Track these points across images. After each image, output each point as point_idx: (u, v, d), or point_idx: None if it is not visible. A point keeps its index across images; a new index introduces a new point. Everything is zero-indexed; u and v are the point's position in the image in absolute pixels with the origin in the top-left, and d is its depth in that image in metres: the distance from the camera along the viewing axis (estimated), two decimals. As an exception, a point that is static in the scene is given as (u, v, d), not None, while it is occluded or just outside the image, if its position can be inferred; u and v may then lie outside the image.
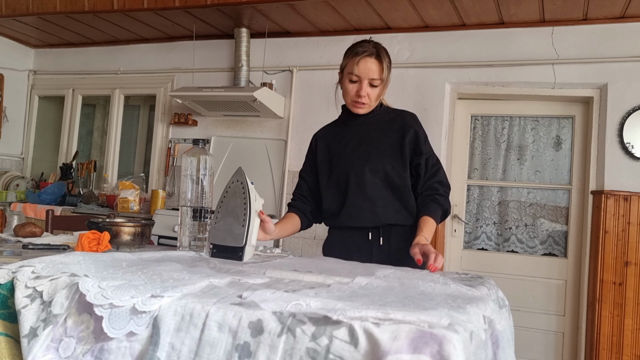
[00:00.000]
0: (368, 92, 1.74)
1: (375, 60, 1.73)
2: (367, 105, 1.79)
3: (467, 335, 0.83)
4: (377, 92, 1.77)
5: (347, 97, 1.80)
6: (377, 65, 1.72)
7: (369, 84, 1.74)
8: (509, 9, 3.24)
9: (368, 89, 1.74)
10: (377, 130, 1.82)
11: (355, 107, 1.79)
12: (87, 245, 1.41)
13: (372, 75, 1.72)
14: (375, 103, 1.81)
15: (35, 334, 0.97)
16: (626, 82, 3.23)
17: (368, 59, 1.72)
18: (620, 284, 3.14)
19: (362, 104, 1.77)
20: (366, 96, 1.75)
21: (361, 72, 1.72)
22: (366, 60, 1.72)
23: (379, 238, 1.77)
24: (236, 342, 0.87)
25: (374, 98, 1.77)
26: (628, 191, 3.18)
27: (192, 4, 3.48)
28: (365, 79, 1.73)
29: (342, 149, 1.84)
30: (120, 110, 4.63)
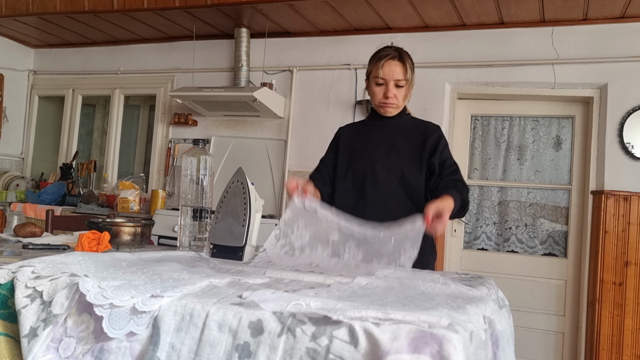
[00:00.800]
0: (395, 93, 1.83)
1: (398, 62, 1.82)
2: (395, 106, 1.86)
3: (467, 335, 0.83)
4: (403, 93, 1.85)
5: (375, 100, 1.87)
6: (400, 67, 1.82)
7: (394, 85, 1.82)
8: (509, 9, 3.24)
9: (394, 90, 1.82)
10: (400, 133, 1.89)
11: (384, 108, 1.87)
12: (87, 245, 1.41)
13: (396, 76, 1.81)
14: (403, 103, 1.89)
15: (35, 334, 0.97)
16: (626, 82, 3.23)
17: (391, 61, 1.82)
18: (620, 284, 3.14)
19: (390, 105, 1.85)
20: (393, 97, 1.83)
21: (386, 75, 1.81)
22: (390, 63, 1.81)
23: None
24: (236, 342, 0.87)
25: (401, 98, 1.86)
26: (628, 191, 3.18)
27: (192, 4, 3.48)
28: (391, 81, 1.81)
29: (364, 147, 1.90)
30: (120, 110, 4.63)
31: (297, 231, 1.52)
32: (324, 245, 1.50)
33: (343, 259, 1.46)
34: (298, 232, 1.52)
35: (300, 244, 1.51)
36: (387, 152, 1.86)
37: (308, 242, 1.50)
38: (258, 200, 1.57)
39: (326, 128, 3.84)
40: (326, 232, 1.51)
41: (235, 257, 1.48)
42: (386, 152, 1.86)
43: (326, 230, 1.51)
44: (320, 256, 1.48)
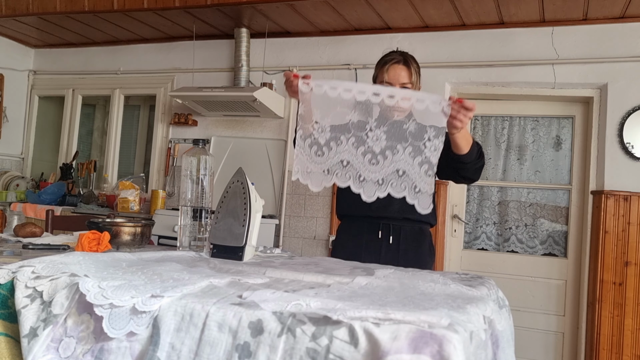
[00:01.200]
0: None
1: (403, 66, 1.82)
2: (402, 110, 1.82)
3: (467, 335, 0.83)
4: None
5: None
6: (405, 71, 1.81)
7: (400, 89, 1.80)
8: (509, 9, 3.24)
9: None
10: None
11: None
12: (87, 245, 1.41)
13: (402, 80, 1.81)
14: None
15: (35, 334, 0.97)
16: (626, 82, 3.23)
17: (396, 65, 1.81)
18: (620, 284, 3.14)
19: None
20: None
21: (391, 79, 1.80)
22: (395, 67, 1.81)
23: (389, 236, 1.82)
24: (236, 342, 0.87)
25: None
26: (628, 191, 3.18)
27: (192, 4, 3.48)
28: (396, 85, 1.80)
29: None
30: (120, 110, 4.63)
31: (317, 125, 1.52)
32: (346, 134, 1.50)
33: (368, 146, 1.48)
34: (318, 126, 1.52)
35: (325, 139, 1.52)
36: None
37: (331, 135, 1.52)
38: (258, 200, 1.57)
39: (326, 128, 3.84)
40: (344, 114, 1.50)
41: (235, 257, 1.48)
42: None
43: (343, 111, 1.50)
44: (348, 149, 1.50)
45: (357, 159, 1.50)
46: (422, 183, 1.45)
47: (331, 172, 1.51)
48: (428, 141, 1.45)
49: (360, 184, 1.49)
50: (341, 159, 1.51)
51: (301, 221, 3.83)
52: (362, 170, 1.49)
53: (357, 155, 1.50)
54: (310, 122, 1.53)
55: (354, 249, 1.81)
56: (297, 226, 3.85)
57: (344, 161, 1.51)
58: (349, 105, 1.49)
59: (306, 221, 3.82)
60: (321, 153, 1.54)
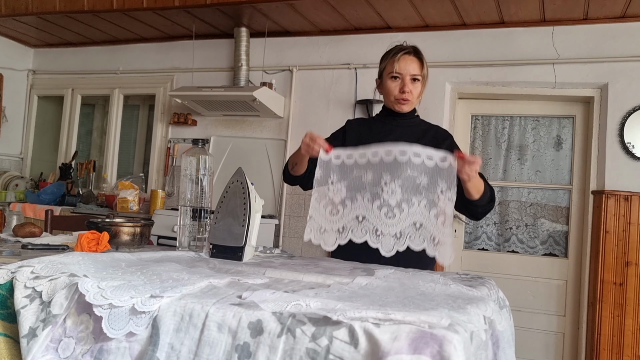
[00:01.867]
0: (411, 88, 1.78)
1: (414, 58, 1.78)
2: (411, 102, 1.81)
3: (468, 335, 0.83)
4: (418, 89, 1.81)
5: (390, 96, 1.81)
6: (416, 62, 1.78)
7: (411, 80, 1.78)
8: (509, 9, 3.24)
9: (410, 84, 1.78)
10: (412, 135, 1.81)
11: (400, 104, 1.81)
12: (87, 245, 1.40)
13: (412, 71, 1.77)
14: (417, 101, 1.85)
15: (35, 334, 0.97)
16: (627, 82, 3.23)
17: (407, 56, 1.78)
18: (621, 284, 3.14)
19: (405, 100, 1.79)
20: (409, 92, 1.78)
21: (402, 69, 1.77)
22: (406, 58, 1.78)
23: None
24: (236, 343, 0.86)
25: (416, 95, 1.81)
26: (629, 191, 3.17)
27: (191, 4, 3.48)
28: (407, 75, 1.77)
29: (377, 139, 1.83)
30: (119, 110, 4.63)
31: (333, 186, 1.56)
32: (361, 191, 1.53)
33: (384, 199, 1.50)
34: (334, 187, 1.56)
35: (340, 198, 1.55)
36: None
37: (346, 195, 1.54)
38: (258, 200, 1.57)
39: (326, 128, 3.82)
40: (359, 177, 1.54)
41: (235, 257, 1.48)
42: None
43: (358, 174, 1.54)
44: (363, 205, 1.52)
45: (373, 214, 1.51)
46: (440, 234, 1.47)
47: (346, 229, 1.53)
48: (441, 194, 1.48)
49: (377, 238, 1.51)
50: (357, 214, 1.53)
51: (301, 221, 3.83)
52: (378, 225, 1.50)
53: (372, 209, 1.51)
54: (326, 184, 1.57)
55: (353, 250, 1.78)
56: (297, 226, 3.84)
57: (360, 216, 1.52)
58: (364, 167, 1.53)
59: (306, 221, 3.81)
60: (336, 212, 1.56)
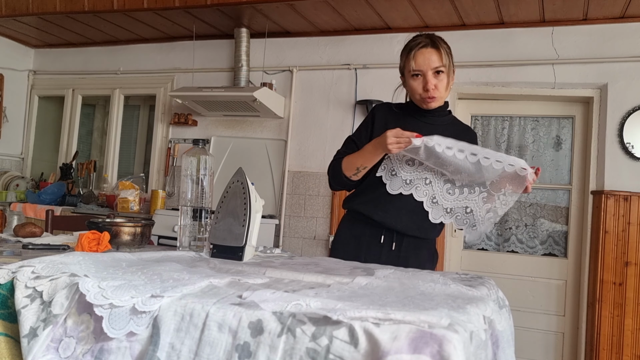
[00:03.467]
0: (435, 83, 1.67)
1: (432, 49, 1.67)
2: (438, 98, 1.71)
3: (467, 335, 0.83)
4: (444, 82, 1.70)
5: (415, 95, 1.72)
6: (435, 54, 1.67)
7: (433, 74, 1.67)
8: (509, 9, 3.24)
9: (434, 79, 1.67)
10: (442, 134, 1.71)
11: (426, 102, 1.71)
12: (87, 245, 1.41)
13: (433, 64, 1.66)
14: (446, 94, 1.74)
15: (35, 334, 0.97)
16: (626, 82, 3.23)
17: (424, 49, 1.67)
18: (620, 284, 3.14)
19: (432, 97, 1.69)
20: (434, 88, 1.67)
21: (420, 65, 1.67)
22: (422, 52, 1.67)
23: (392, 243, 1.74)
24: (236, 342, 0.87)
25: (443, 88, 1.70)
26: (628, 191, 3.17)
27: (192, 4, 3.48)
28: (428, 70, 1.67)
29: None
30: (120, 110, 4.63)
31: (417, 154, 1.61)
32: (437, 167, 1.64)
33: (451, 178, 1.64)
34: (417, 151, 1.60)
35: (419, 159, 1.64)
36: None
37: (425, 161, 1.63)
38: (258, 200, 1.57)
39: (326, 128, 3.84)
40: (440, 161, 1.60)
41: (235, 257, 1.48)
42: None
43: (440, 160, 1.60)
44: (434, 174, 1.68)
45: (438, 184, 1.66)
46: (482, 226, 1.63)
47: (413, 183, 1.67)
48: (503, 195, 1.61)
49: (432, 204, 1.68)
50: (426, 177, 1.67)
51: (301, 221, 3.83)
52: (437, 194, 1.66)
53: (439, 180, 1.66)
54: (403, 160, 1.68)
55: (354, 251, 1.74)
56: (297, 226, 3.84)
57: (427, 179, 1.66)
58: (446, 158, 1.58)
59: (306, 221, 3.82)
60: (412, 163, 1.68)
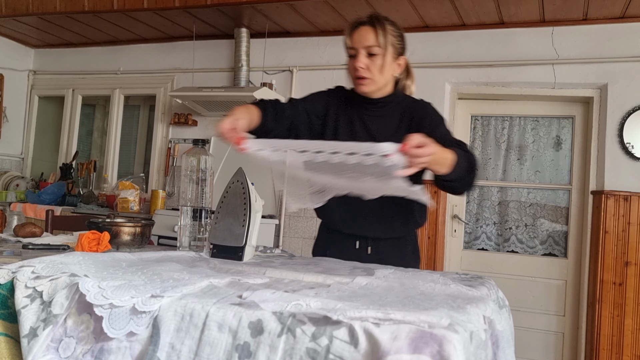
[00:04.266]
0: (366, 63, 1.53)
1: (369, 27, 1.54)
2: (370, 81, 1.56)
3: (467, 335, 0.83)
4: (378, 63, 1.54)
5: (351, 76, 1.60)
6: (371, 32, 1.53)
7: (366, 54, 1.53)
8: (509, 9, 3.24)
9: (365, 59, 1.53)
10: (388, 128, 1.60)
11: (358, 84, 1.58)
12: (87, 245, 1.40)
13: (365, 42, 1.53)
14: (381, 78, 1.57)
15: (35, 334, 0.97)
16: (626, 82, 3.23)
17: (361, 27, 1.55)
18: (621, 284, 3.14)
19: (362, 79, 1.55)
20: (365, 68, 1.54)
21: (355, 42, 1.54)
22: (359, 29, 1.55)
23: (367, 247, 1.68)
24: (236, 342, 0.86)
25: (376, 70, 1.55)
26: (628, 191, 3.17)
27: (192, 4, 3.48)
28: (361, 49, 1.53)
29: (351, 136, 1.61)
30: (120, 110, 4.63)
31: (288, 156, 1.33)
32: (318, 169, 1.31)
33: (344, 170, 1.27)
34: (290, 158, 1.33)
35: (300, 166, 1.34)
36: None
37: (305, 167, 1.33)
38: (258, 200, 1.57)
39: (326, 128, 3.84)
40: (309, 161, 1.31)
41: (235, 257, 1.48)
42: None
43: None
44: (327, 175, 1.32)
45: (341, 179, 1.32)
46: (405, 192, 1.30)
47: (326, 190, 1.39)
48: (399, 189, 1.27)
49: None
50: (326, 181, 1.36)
51: (301, 221, 3.83)
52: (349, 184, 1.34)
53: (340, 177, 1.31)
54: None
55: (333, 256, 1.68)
56: (297, 226, 3.85)
57: (331, 182, 1.36)
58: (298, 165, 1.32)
59: (306, 221, 3.82)
60: (306, 179, 1.39)
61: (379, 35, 1.53)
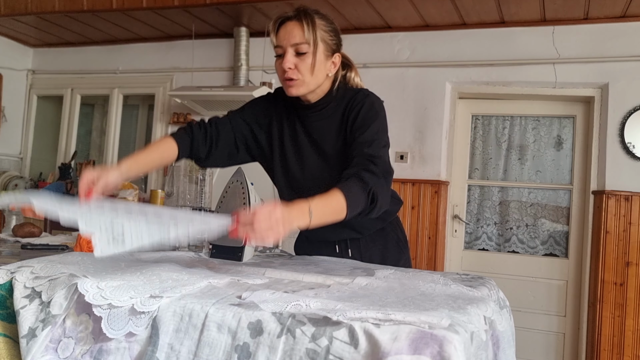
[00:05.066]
0: (295, 62, 1.37)
1: (295, 22, 1.37)
2: (300, 82, 1.39)
3: (468, 336, 0.83)
4: (308, 62, 1.37)
5: (279, 79, 1.44)
6: (298, 28, 1.36)
7: (294, 53, 1.37)
8: (509, 8, 3.24)
9: (293, 58, 1.37)
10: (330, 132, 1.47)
11: (286, 86, 1.41)
12: (86, 245, 1.40)
13: (292, 40, 1.36)
14: (312, 79, 1.40)
15: (34, 334, 0.96)
16: (627, 82, 3.23)
17: (287, 22, 1.39)
18: (621, 285, 3.14)
19: (290, 81, 1.39)
20: (293, 68, 1.37)
21: (281, 41, 1.38)
22: (285, 26, 1.39)
23: (347, 249, 1.60)
24: (235, 343, 0.86)
25: (305, 70, 1.38)
26: (629, 191, 3.17)
27: (191, 3, 3.48)
28: (288, 47, 1.37)
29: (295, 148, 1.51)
30: (119, 110, 4.63)
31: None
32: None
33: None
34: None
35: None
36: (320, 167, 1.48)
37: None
38: (258, 200, 1.57)
39: (326, 128, 3.83)
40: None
41: (235, 258, 1.48)
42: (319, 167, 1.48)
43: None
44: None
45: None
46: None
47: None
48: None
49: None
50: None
51: (301, 221, 3.83)
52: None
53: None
54: None
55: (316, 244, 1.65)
56: (297, 226, 3.84)
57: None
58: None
59: (306, 221, 3.81)
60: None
61: (307, 30, 1.36)
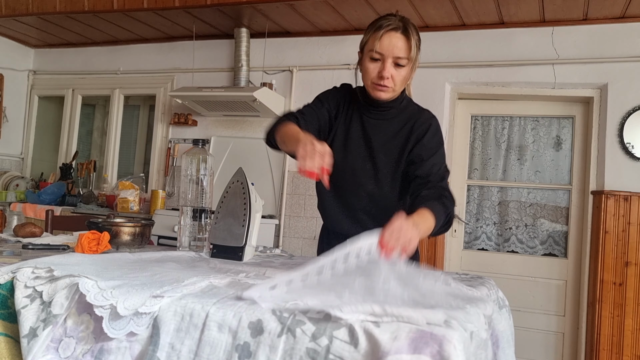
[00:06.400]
0: (392, 73, 1.47)
1: (401, 36, 1.45)
2: (390, 90, 1.50)
3: (468, 335, 0.83)
4: (402, 75, 1.49)
5: (367, 79, 1.52)
6: (403, 42, 1.45)
7: (393, 64, 1.46)
8: (509, 9, 3.24)
9: (392, 69, 1.46)
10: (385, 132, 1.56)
11: (376, 90, 1.50)
12: (87, 245, 1.40)
13: (397, 52, 1.45)
14: (400, 88, 1.53)
15: (35, 334, 0.97)
16: (626, 82, 3.23)
17: (393, 33, 1.46)
18: (621, 284, 3.14)
19: (383, 87, 1.49)
20: (390, 78, 1.47)
21: (384, 49, 1.45)
22: (390, 35, 1.45)
23: None
24: (236, 342, 0.86)
25: (399, 82, 1.49)
26: (628, 191, 3.17)
27: (192, 4, 3.48)
28: (389, 57, 1.45)
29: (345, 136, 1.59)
30: (120, 110, 4.63)
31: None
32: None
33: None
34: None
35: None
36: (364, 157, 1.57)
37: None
38: (258, 200, 1.57)
39: (326, 128, 3.84)
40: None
41: (235, 257, 1.48)
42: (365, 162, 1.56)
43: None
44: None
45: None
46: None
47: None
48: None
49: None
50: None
51: (301, 221, 3.83)
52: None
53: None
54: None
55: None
56: (297, 226, 3.84)
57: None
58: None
59: (306, 221, 3.82)
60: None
61: (412, 48, 1.46)
